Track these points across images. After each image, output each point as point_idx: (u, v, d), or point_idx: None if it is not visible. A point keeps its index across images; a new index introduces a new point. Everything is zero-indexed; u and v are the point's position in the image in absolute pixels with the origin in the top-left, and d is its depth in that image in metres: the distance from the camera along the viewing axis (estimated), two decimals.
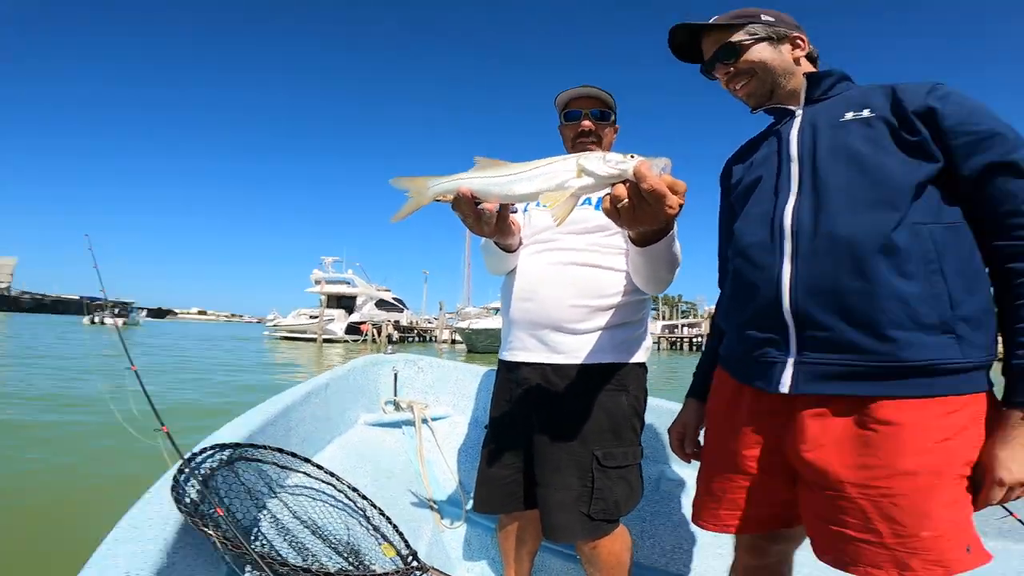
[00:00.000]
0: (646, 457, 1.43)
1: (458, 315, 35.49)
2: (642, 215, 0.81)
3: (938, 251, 0.85)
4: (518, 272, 1.35)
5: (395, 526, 1.39)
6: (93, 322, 37.38)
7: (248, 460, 1.27)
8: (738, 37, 1.11)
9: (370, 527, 1.35)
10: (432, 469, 2.04)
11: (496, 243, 1.28)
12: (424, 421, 2.12)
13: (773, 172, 1.05)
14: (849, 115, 0.98)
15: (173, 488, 0.95)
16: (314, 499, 1.35)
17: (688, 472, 1.78)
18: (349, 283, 39.31)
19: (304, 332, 34.47)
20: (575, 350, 1.26)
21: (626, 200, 0.79)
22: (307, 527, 1.23)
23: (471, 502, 2.01)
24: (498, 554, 1.70)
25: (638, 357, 1.32)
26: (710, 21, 1.14)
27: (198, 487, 1.00)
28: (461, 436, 2.16)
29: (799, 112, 1.07)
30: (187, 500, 0.96)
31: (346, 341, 33.42)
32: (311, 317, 35.16)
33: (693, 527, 1.61)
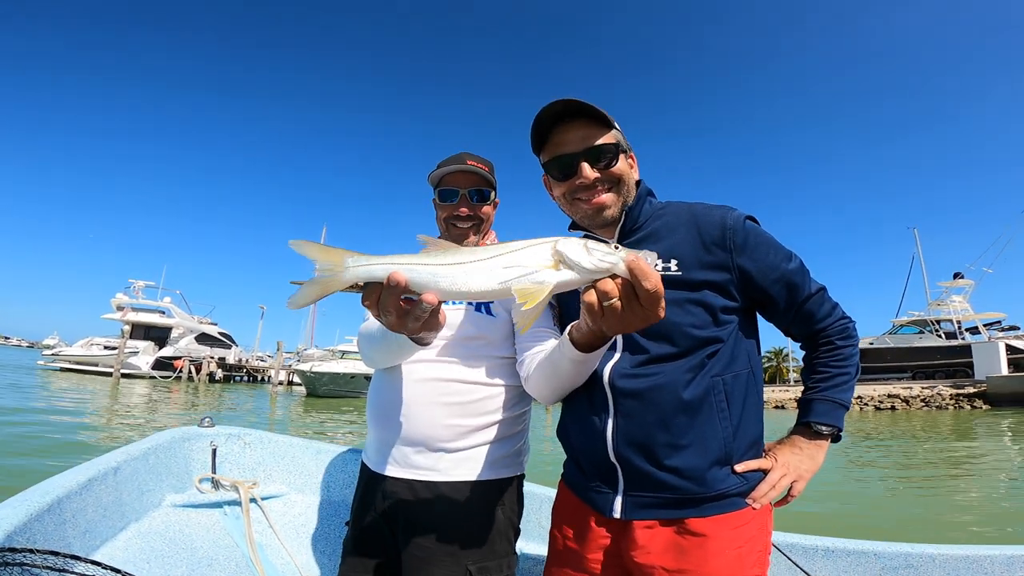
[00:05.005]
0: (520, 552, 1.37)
1: (298, 356, 32.71)
2: (630, 318, 0.71)
3: (728, 399, 1.01)
4: (389, 378, 1.22)
5: None
6: None
7: (8, 565, 0.95)
8: (616, 138, 1.05)
9: None
10: (265, 553, 1.74)
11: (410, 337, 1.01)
12: (253, 500, 1.82)
13: None
14: (658, 268, 1.02)
15: None
16: None
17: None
18: (164, 312, 34.04)
19: (96, 364, 28.71)
20: (448, 468, 1.17)
21: (617, 300, 0.69)
22: None
23: None
24: None
25: (515, 470, 1.26)
26: (601, 109, 1.02)
27: None
28: (299, 516, 1.89)
29: None
30: None
31: (153, 377, 28.54)
32: (107, 348, 29.52)
33: None
